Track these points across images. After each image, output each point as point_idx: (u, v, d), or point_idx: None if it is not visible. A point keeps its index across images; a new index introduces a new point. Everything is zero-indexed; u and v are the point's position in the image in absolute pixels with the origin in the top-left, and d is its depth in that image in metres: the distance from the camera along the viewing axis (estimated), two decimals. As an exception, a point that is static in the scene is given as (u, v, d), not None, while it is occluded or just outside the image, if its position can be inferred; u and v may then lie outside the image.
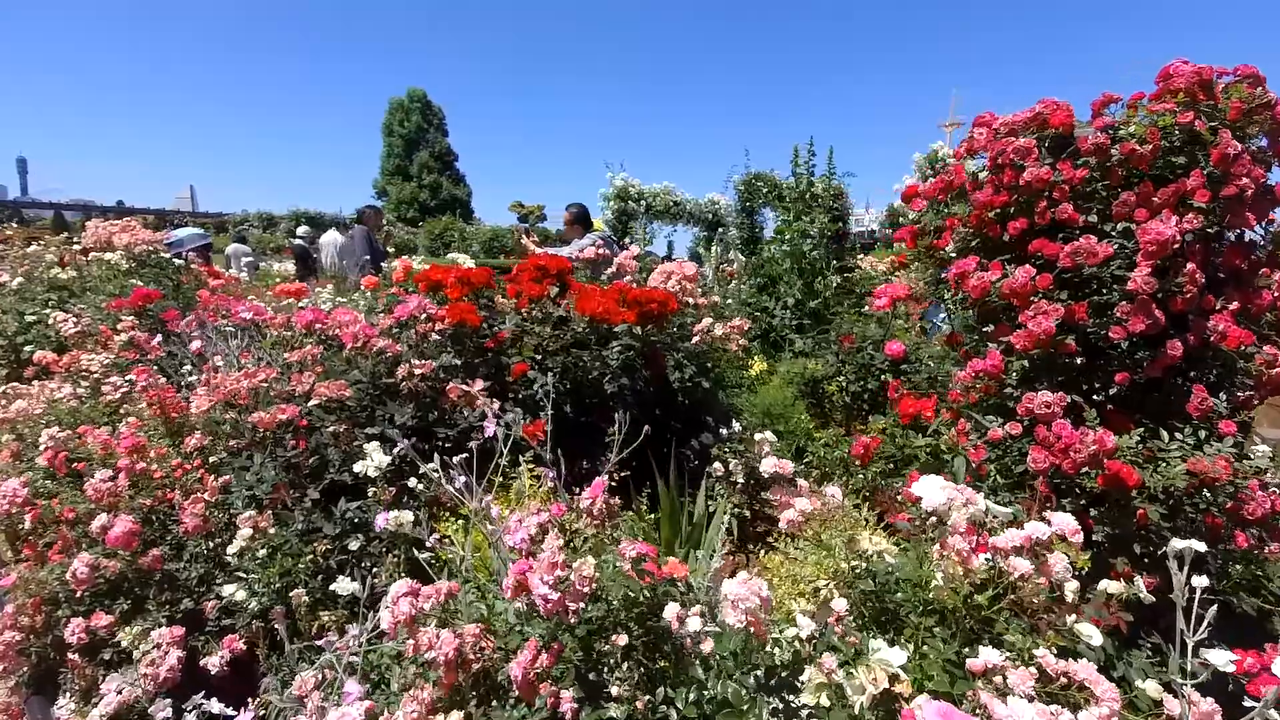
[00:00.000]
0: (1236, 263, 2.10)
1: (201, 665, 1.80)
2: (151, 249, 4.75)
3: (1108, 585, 1.46)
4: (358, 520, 2.13)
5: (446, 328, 2.88)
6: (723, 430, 3.18)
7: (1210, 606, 1.33)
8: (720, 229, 12.40)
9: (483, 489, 1.73)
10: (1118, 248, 2.04)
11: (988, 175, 2.37)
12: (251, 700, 1.69)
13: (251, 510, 2.06)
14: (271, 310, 3.16)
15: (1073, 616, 1.32)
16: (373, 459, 2.12)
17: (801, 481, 1.78)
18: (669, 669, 1.36)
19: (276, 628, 1.85)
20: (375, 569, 2.02)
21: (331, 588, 1.88)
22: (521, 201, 21.18)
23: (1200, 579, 1.30)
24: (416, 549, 1.92)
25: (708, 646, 1.29)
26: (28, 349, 3.76)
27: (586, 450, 2.75)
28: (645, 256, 5.31)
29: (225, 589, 1.96)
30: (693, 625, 1.29)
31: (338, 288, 5.71)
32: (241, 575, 1.99)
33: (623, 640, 1.27)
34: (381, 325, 2.84)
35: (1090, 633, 1.29)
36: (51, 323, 3.65)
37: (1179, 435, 1.91)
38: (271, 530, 2.03)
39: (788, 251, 6.32)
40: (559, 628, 1.32)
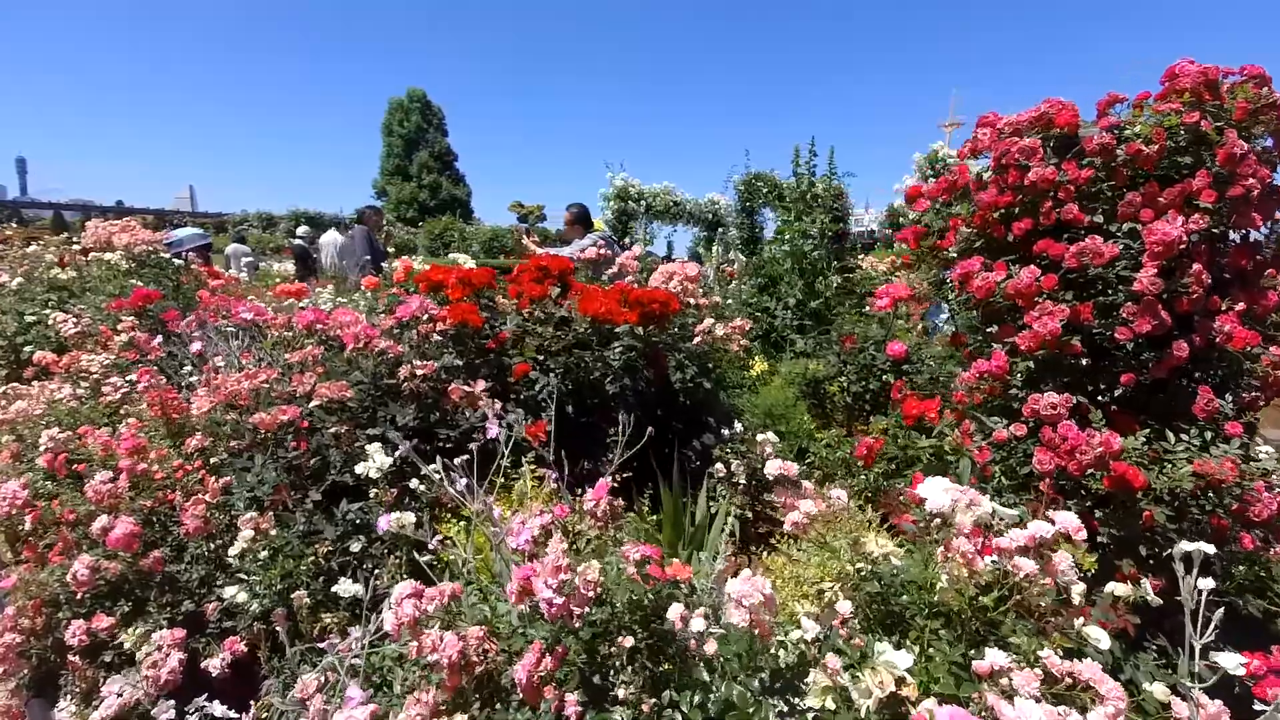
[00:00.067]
0: (1242, 263, 2.09)
1: (202, 667, 1.79)
2: (151, 249, 4.73)
3: (1114, 588, 1.45)
4: (359, 522, 2.12)
5: (448, 328, 2.87)
6: (724, 431, 3.17)
7: (1217, 609, 1.33)
8: (720, 229, 12.41)
9: (484, 490, 1.72)
10: (1123, 248, 2.03)
11: (991, 175, 2.36)
12: (253, 702, 1.68)
13: (253, 512, 2.05)
14: (272, 311, 3.15)
15: (1080, 620, 1.31)
16: (374, 460, 2.11)
17: (806, 483, 1.77)
18: (673, 671, 1.35)
19: (278, 630, 1.85)
20: (377, 571, 2.01)
21: (333, 589, 1.88)
22: (521, 201, 21.22)
23: (1206, 581, 1.29)
24: (417, 551, 1.92)
25: (711, 648, 1.28)
26: (27, 349, 3.75)
27: (588, 451, 2.74)
28: (645, 257, 5.29)
29: (226, 591, 1.95)
30: (696, 626, 1.28)
31: (338, 288, 5.69)
32: (243, 577, 1.98)
33: (629, 642, 1.26)
34: (383, 326, 2.83)
35: (1099, 636, 1.28)
36: (51, 323, 3.63)
37: (1185, 436, 1.90)
38: (273, 532, 2.02)
39: (788, 251, 6.31)
40: (563, 630, 1.31)
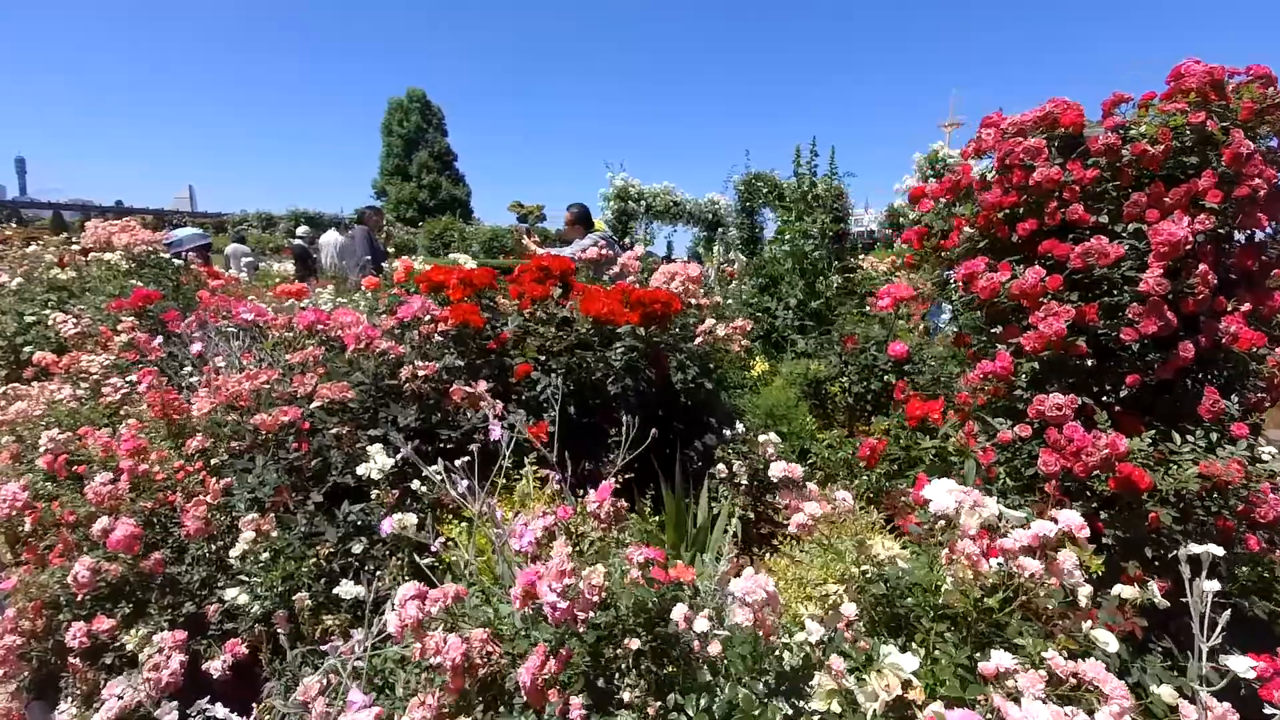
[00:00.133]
0: (1248, 264, 2.09)
1: (204, 669, 1.78)
2: (151, 249, 4.71)
3: (1121, 590, 1.44)
4: (361, 523, 2.11)
5: (449, 329, 2.86)
6: (726, 431, 3.16)
7: (1224, 611, 1.32)
8: (720, 229, 12.41)
9: (486, 491, 1.71)
10: (1129, 249, 2.02)
11: (995, 176, 2.35)
12: (255, 705, 1.67)
13: (254, 513, 2.04)
14: (273, 311, 3.14)
15: (1088, 623, 1.31)
16: (375, 461, 2.10)
17: (811, 485, 1.76)
18: (677, 674, 1.34)
19: (279, 632, 1.84)
20: (379, 572, 2.00)
21: (335, 591, 1.87)
22: (521, 201, 21.20)
23: (1212, 583, 1.29)
24: (419, 553, 1.91)
25: (715, 649, 1.27)
26: (27, 350, 3.74)
27: (589, 451, 2.74)
28: (645, 257, 5.29)
29: (228, 592, 1.94)
30: (700, 626, 1.27)
31: (338, 288, 5.69)
32: (244, 578, 1.97)
33: (635, 645, 1.25)
34: (384, 326, 2.82)
35: (1107, 639, 1.27)
36: (51, 323, 3.62)
37: (1190, 438, 1.90)
38: (274, 533, 2.01)
39: (789, 251, 6.29)
40: (566, 633, 1.30)
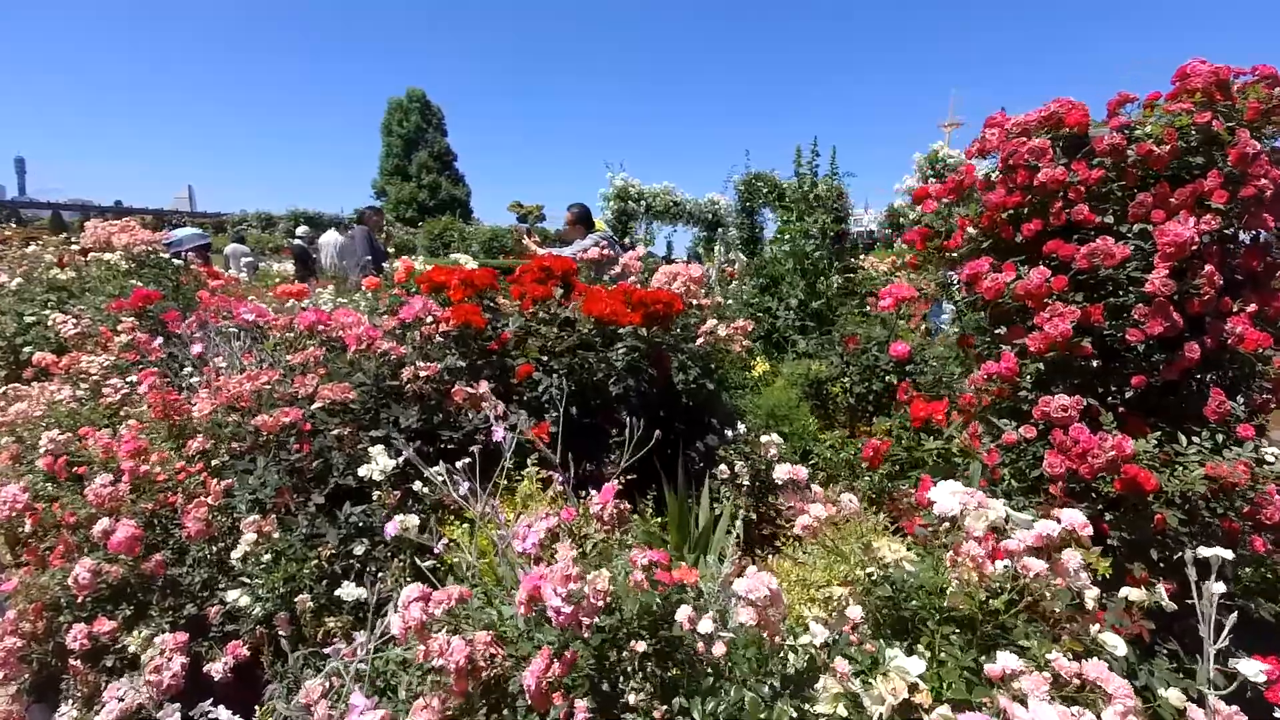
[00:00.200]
0: (1253, 265, 2.08)
1: (205, 672, 1.77)
2: (150, 249, 4.69)
3: (1128, 592, 1.43)
4: (362, 525, 2.10)
5: (451, 329, 2.85)
6: (727, 432, 3.15)
7: (1230, 614, 1.32)
8: (720, 229, 12.40)
9: (488, 493, 1.70)
10: (1134, 249, 2.02)
11: (999, 176, 2.34)
12: (258, 707, 1.66)
13: (255, 515, 2.03)
14: (273, 312, 3.13)
15: (1096, 626, 1.30)
16: (377, 463, 2.09)
17: (815, 487, 1.75)
18: (681, 677, 1.34)
19: (280, 634, 1.83)
20: (380, 574, 1.99)
21: (336, 593, 1.86)
22: (520, 201, 21.18)
23: (1218, 585, 1.29)
24: (420, 554, 1.90)
25: (720, 650, 1.27)
26: (27, 350, 3.73)
27: (590, 452, 2.73)
28: (646, 257, 5.28)
29: (229, 594, 1.93)
30: (705, 628, 1.26)
31: (338, 288, 5.68)
32: (245, 580, 1.96)
33: (641, 648, 1.24)
34: (385, 327, 2.81)
35: (1115, 643, 1.27)
36: (51, 324, 3.62)
37: (1196, 439, 1.89)
38: (275, 535, 2.00)
39: (790, 251, 6.28)
40: (571, 636, 1.29)
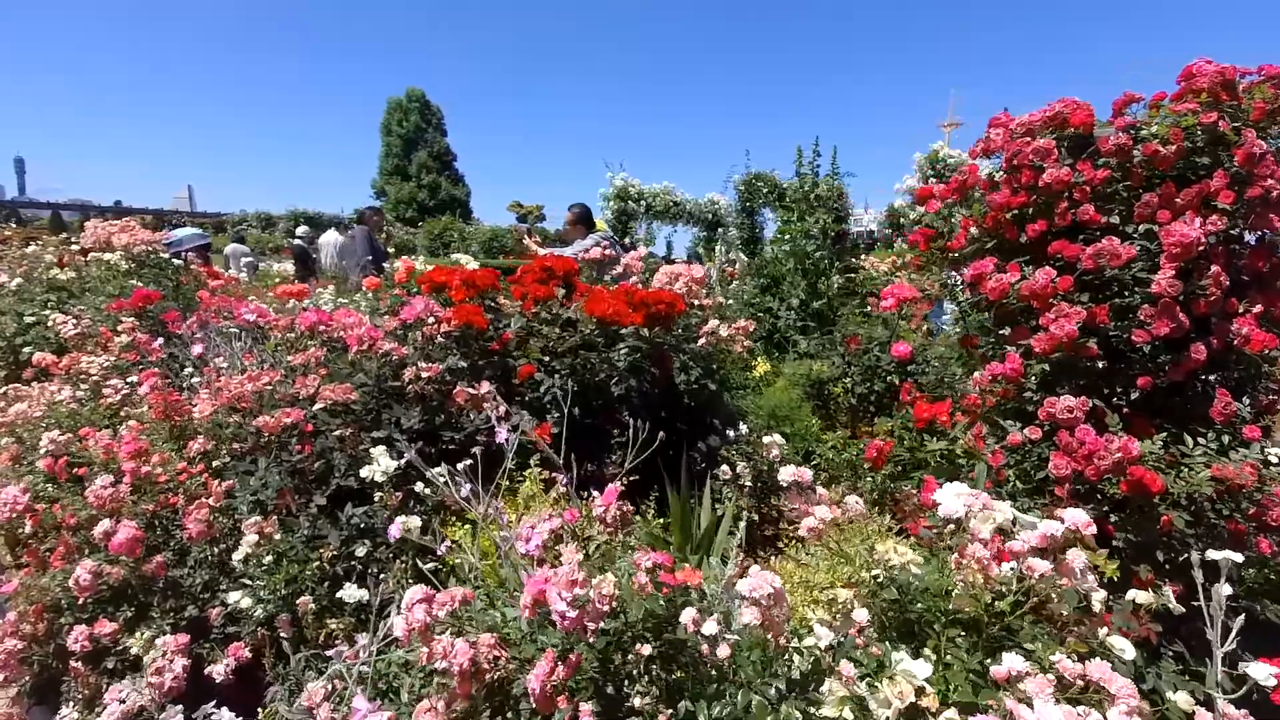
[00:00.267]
0: (1259, 265, 2.07)
1: (206, 674, 1.76)
2: (150, 249, 4.69)
3: (1136, 595, 1.43)
4: (364, 526, 2.09)
5: (452, 330, 2.84)
6: (729, 432, 3.15)
7: (1237, 616, 1.31)
8: (720, 229, 12.38)
9: (490, 494, 1.69)
10: (1140, 250, 2.01)
11: (1004, 176, 2.33)
12: (260, 710, 1.66)
13: (257, 516, 2.03)
14: (274, 312, 3.12)
15: (1104, 629, 1.29)
16: (379, 464, 2.08)
17: (821, 489, 1.74)
18: (686, 679, 1.33)
19: (282, 636, 1.82)
20: (382, 576, 1.98)
21: (338, 595, 1.85)
22: (520, 201, 21.20)
23: (1220, 586, 1.28)
24: (420, 558, 1.89)
25: (724, 651, 1.26)
26: (27, 351, 3.72)
27: (591, 453, 2.72)
28: (647, 257, 5.27)
29: (230, 596, 1.93)
30: (709, 629, 1.26)
31: (339, 288, 5.67)
32: (247, 582, 1.95)
33: (646, 651, 1.24)
34: (387, 327, 2.80)
35: (1123, 646, 1.26)
36: (51, 324, 3.61)
37: (1202, 440, 1.88)
38: (277, 536, 2.00)
39: (790, 251, 6.26)
40: (575, 639, 1.29)
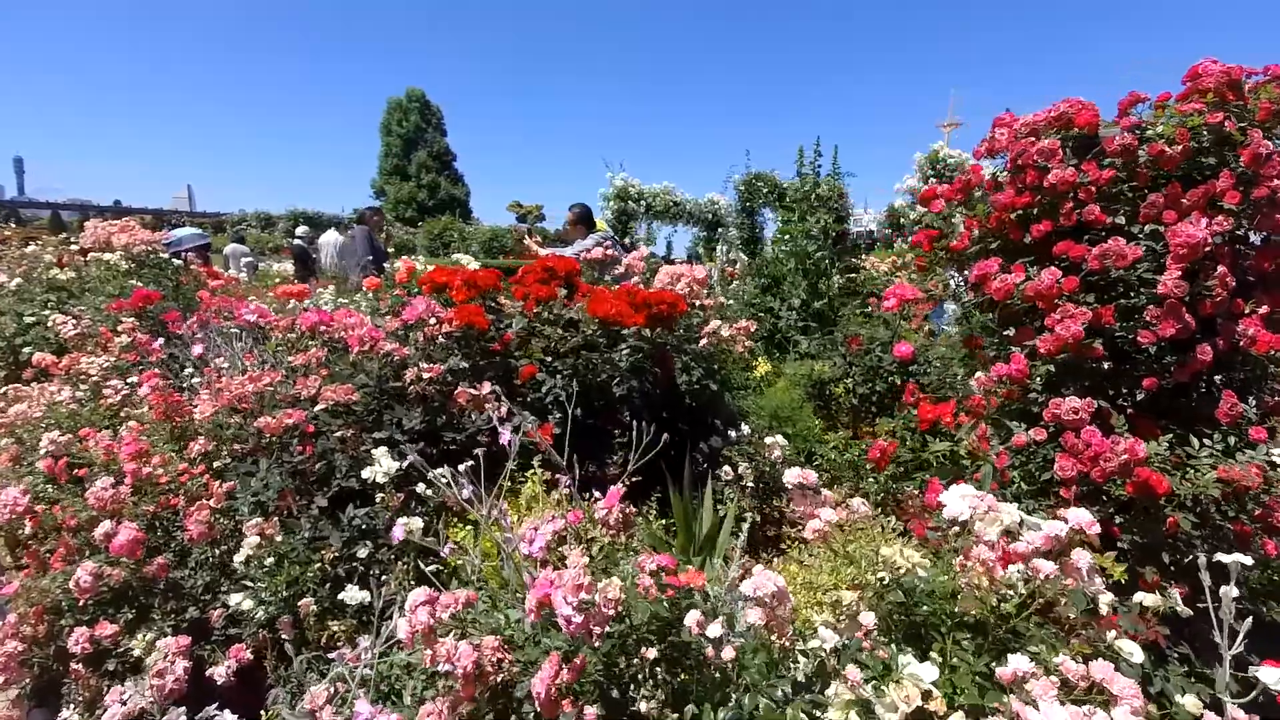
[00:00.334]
0: (1265, 266, 2.06)
1: (208, 675, 1.75)
2: (150, 249, 4.68)
3: (1143, 598, 1.42)
4: (366, 527, 2.08)
5: (454, 330, 2.84)
6: (731, 433, 3.14)
7: (1244, 618, 1.30)
8: (720, 229, 12.37)
9: (493, 495, 1.68)
10: (1146, 250, 2.00)
11: (1008, 176, 2.33)
12: (263, 712, 1.65)
13: (258, 517, 2.02)
14: (274, 312, 3.11)
15: (1113, 633, 1.28)
16: (381, 465, 2.07)
17: (826, 491, 1.74)
18: (691, 682, 1.32)
19: (284, 637, 1.81)
20: (384, 577, 1.97)
21: (340, 596, 1.84)
22: (520, 201, 21.21)
23: (1231, 589, 1.27)
24: (422, 559, 1.88)
25: (729, 653, 1.25)
26: (26, 351, 3.71)
27: (593, 453, 2.72)
28: (649, 258, 5.27)
29: (232, 598, 1.92)
30: (714, 631, 1.25)
31: (339, 289, 5.66)
32: (248, 584, 1.95)
33: (652, 654, 1.23)
34: (388, 328, 2.79)
35: (1132, 650, 1.25)
36: (50, 324, 3.60)
37: (1208, 442, 1.87)
38: (278, 538, 1.99)
39: (791, 251, 6.25)
40: (579, 642, 1.28)
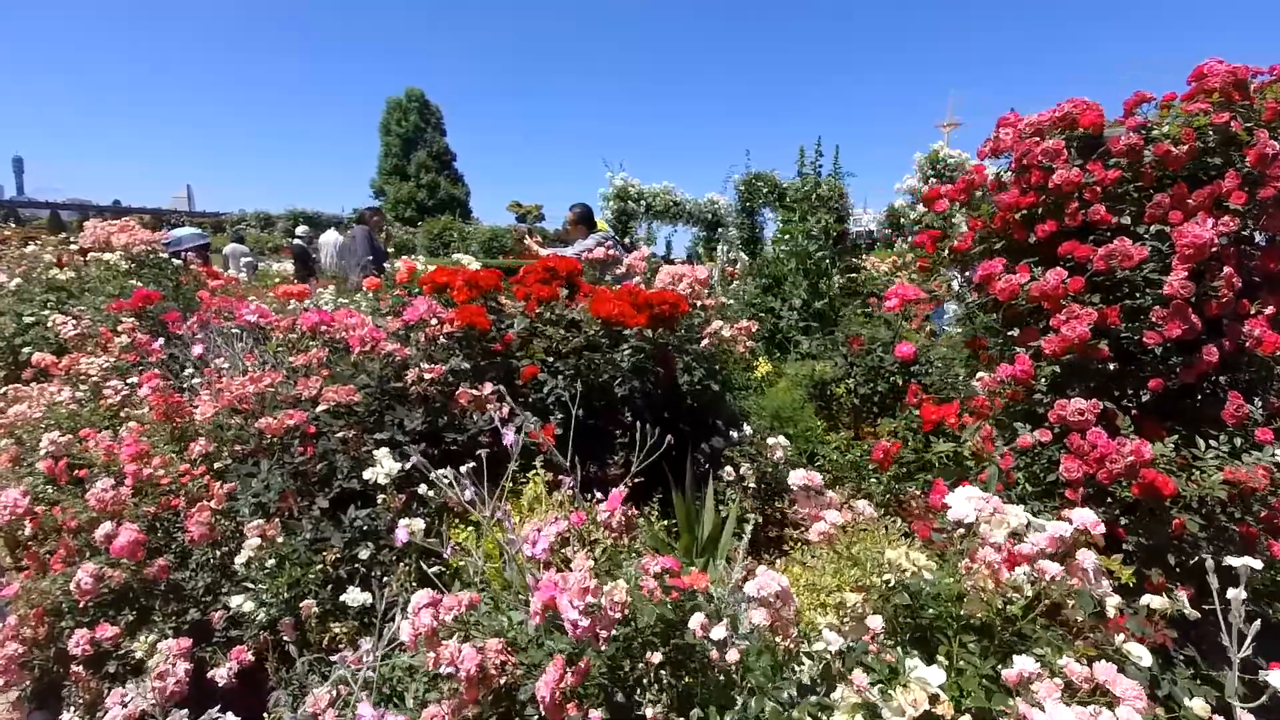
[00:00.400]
0: (1271, 267, 2.05)
1: (209, 678, 1.74)
2: (150, 249, 4.66)
3: (1150, 600, 1.41)
4: (367, 528, 2.08)
5: (455, 330, 2.83)
6: (732, 433, 3.13)
7: (1252, 621, 1.29)
8: (720, 229, 12.36)
9: (496, 496, 1.67)
10: (1152, 251, 1.99)
11: (1012, 177, 2.32)
12: (265, 715, 1.64)
13: (259, 519, 2.01)
14: (275, 312, 3.10)
15: (1120, 636, 1.28)
16: (383, 466, 2.06)
17: (830, 493, 1.73)
18: (695, 684, 1.31)
19: (285, 639, 1.80)
20: (386, 579, 1.96)
21: (342, 598, 1.84)
22: (520, 201, 21.22)
23: (1238, 591, 1.26)
24: (424, 560, 1.87)
25: (734, 656, 1.25)
26: (26, 351, 3.70)
27: (594, 454, 2.71)
28: (650, 258, 5.27)
29: (233, 600, 1.91)
30: (718, 634, 1.25)
31: (339, 289, 5.65)
32: (249, 585, 1.94)
33: (657, 658, 1.22)
34: (389, 328, 2.78)
35: (1140, 653, 1.25)
36: (50, 324, 3.58)
37: (1214, 443, 1.87)
38: (279, 539, 1.98)
39: (792, 251, 6.24)
40: (584, 645, 1.27)
